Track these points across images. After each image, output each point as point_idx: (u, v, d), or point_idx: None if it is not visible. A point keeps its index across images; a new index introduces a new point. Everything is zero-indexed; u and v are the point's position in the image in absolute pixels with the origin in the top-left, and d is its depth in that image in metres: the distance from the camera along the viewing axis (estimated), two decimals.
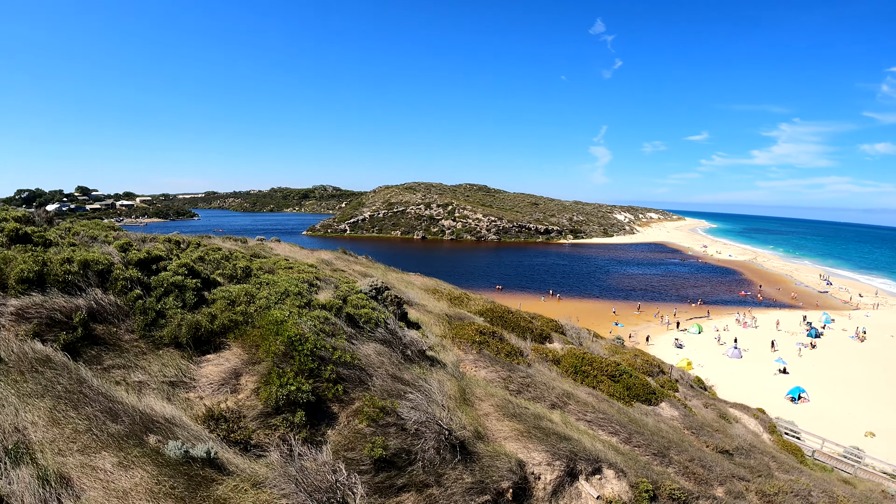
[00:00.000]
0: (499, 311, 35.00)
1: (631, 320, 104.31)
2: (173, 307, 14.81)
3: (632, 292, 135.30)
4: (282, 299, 17.35)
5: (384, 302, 23.28)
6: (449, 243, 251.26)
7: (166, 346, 13.43)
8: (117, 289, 14.75)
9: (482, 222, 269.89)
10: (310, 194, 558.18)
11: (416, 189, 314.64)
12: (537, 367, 24.68)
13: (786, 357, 79.08)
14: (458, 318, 28.93)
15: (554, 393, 21.04)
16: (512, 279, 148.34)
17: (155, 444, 9.31)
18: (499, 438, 15.09)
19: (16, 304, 13.03)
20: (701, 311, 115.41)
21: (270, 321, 14.69)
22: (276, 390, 12.11)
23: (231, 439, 10.75)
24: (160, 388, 11.83)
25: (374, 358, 16.03)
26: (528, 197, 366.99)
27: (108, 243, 19.15)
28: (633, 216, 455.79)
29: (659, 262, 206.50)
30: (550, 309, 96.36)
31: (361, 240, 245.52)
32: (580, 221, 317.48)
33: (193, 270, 17.57)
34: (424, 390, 14.90)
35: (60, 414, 9.38)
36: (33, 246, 16.57)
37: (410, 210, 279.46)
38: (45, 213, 24.54)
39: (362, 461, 11.44)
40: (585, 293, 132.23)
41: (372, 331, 18.16)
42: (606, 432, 19.58)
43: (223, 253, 23.07)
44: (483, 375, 20.90)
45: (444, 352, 21.81)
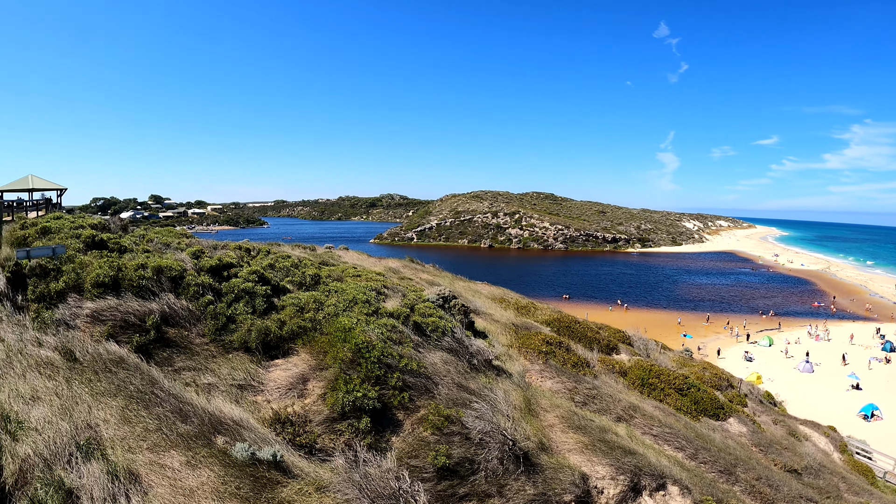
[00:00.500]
0: (565, 321, 34.67)
1: (699, 332, 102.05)
2: (243, 313, 15.10)
3: (700, 303, 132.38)
4: (350, 307, 17.50)
5: (451, 311, 23.27)
6: (516, 252, 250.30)
7: (236, 350, 13.68)
8: (189, 294, 15.11)
9: (549, 231, 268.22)
10: (377, 203, 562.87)
11: (483, 197, 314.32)
12: (604, 378, 24.35)
13: (859, 372, 75.92)
14: (525, 327, 28.75)
15: (620, 405, 20.71)
16: (579, 288, 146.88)
17: (222, 445, 9.47)
18: (563, 450, 14.90)
19: (91, 306, 13.46)
20: (772, 322, 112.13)
21: (338, 328, 14.82)
22: (343, 396, 12.20)
23: (296, 443, 10.86)
24: (229, 390, 12.05)
25: (441, 366, 16.01)
26: (595, 205, 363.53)
27: (180, 250, 19.63)
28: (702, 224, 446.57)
29: (729, 271, 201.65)
30: (618, 319, 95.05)
31: (428, 248, 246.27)
32: (648, 230, 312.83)
33: (263, 277, 17.86)
34: (490, 400, 14.82)
35: (132, 413, 9.63)
36: (109, 252, 17.11)
37: (477, 218, 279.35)
38: (120, 220, 25.30)
39: (425, 469, 11.42)
40: (653, 303, 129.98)
41: (439, 339, 18.15)
42: (672, 447, 19.16)
43: (292, 261, 23.40)
44: (549, 386, 20.70)
45: (510, 361, 21.70)
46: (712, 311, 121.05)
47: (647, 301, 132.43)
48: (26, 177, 41.91)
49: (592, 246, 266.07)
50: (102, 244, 17.84)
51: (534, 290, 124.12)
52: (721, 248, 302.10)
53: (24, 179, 41.66)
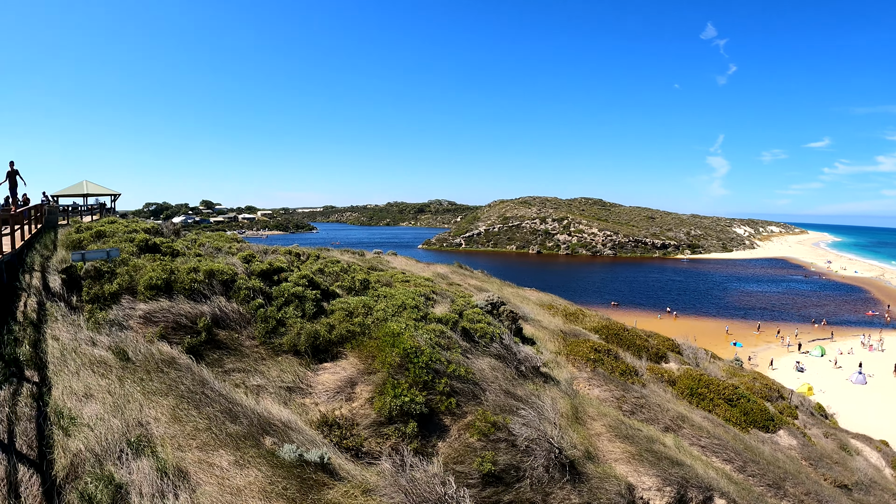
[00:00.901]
0: (614, 329, 34.33)
1: (750, 340, 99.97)
2: (293, 316, 15.26)
3: (751, 311, 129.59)
4: (398, 312, 17.55)
5: (500, 317, 23.22)
6: (564, 258, 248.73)
7: (285, 353, 13.83)
8: (240, 297, 15.32)
9: (597, 237, 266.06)
10: (425, 208, 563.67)
11: (531, 203, 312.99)
12: (652, 387, 24.03)
13: None
14: (573, 334, 28.55)
15: (668, 415, 20.42)
16: (627, 295, 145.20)
17: (270, 446, 9.55)
18: (609, 460, 14.75)
19: (144, 308, 13.73)
20: (824, 332, 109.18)
21: (387, 333, 14.88)
22: (390, 401, 12.23)
23: (343, 445, 10.91)
24: (277, 392, 12.18)
25: (488, 372, 15.98)
26: (644, 210, 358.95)
27: (231, 254, 19.94)
28: (753, 230, 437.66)
29: (780, 278, 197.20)
30: (667, 327, 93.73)
31: (476, 254, 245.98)
32: (698, 236, 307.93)
33: (313, 282, 18.05)
34: (537, 407, 14.74)
35: (182, 412, 9.79)
36: (161, 255, 17.47)
37: (525, 224, 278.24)
38: (173, 225, 25.79)
39: (471, 475, 11.40)
40: (703, 311, 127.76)
41: (487, 345, 18.12)
42: (720, 459, 18.81)
43: (341, 265, 23.59)
44: (596, 394, 20.51)
45: (557, 368, 21.56)
46: (763, 319, 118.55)
47: (696, 309, 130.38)
48: (81, 182, 43.07)
49: (641, 252, 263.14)
50: (155, 248, 18.21)
51: (582, 297, 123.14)
52: (772, 254, 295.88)
53: (79, 185, 42.82)
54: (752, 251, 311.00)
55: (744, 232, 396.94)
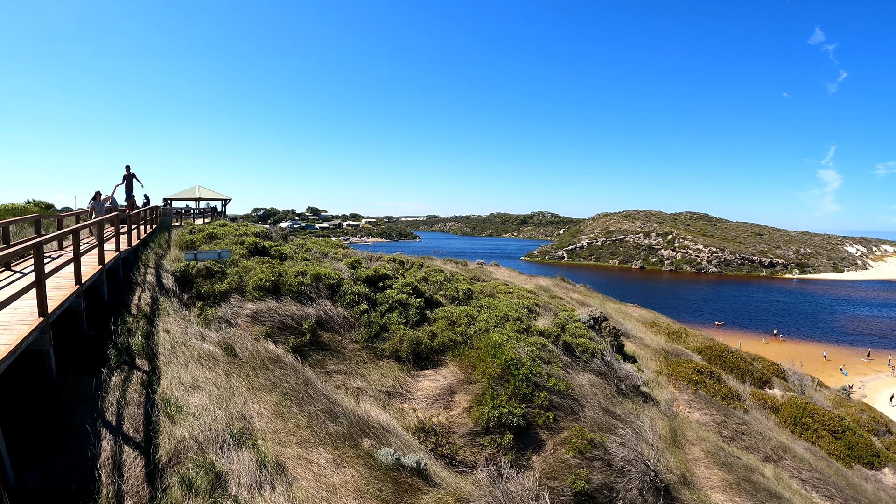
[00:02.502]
0: (717, 350, 33.35)
1: (858, 369, 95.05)
2: (396, 323, 15.50)
3: (862, 336, 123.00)
4: (501, 323, 17.57)
5: (601, 332, 22.94)
6: (667, 274, 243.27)
7: (386, 358, 14.06)
8: (345, 302, 15.68)
9: (702, 253, 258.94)
10: (528, 220, 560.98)
11: (635, 217, 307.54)
12: (754, 413, 23.20)
13: None
14: (675, 353, 27.91)
15: (769, 444, 19.67)
16: (732, 315, 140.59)
17: (368, 448, 9.70)
18: (705, 487, 14.34)
19: (252, 307, 14.23)
20: None
21: (489, 344, 14.91)
22: (489, 411, 12.24)
23: (438, 452, 10.98)
24: (377, 396, 12.37)
25: (588, 389, 15.80)
26: (751, 226, 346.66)
27: (338, 260, 20.43)
28: (866, 249, 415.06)
29: (894, 302, 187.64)
30: (772, 351, 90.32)
31: (578, 267, 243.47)
32: (807, 254, 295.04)
33: (417, 290, 18.28)
34: (635, 427, 14.47)
35: (284, 409, 10.07)
36: (270, 258, 18.08)
37: (629, 239, 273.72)
38: (280, 229, 26.61)
39: (563, 491, 11.27)
40: (810, 335, 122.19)
41: (588, 361, 17.93)
42: (820, 495, 17.97)
43: (445, 275, 23.78)
44: (696, 417, 19.97)
45: (658, 388, 21.12)
46: (874, 346, 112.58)
47: (803, 332, 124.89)
48: (194, 187, 45.02)
49: (748, 270, 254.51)
50: (264, 251, 18.84)
51: (685, 315, 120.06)
52: (887, 276, 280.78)
53: (191, 189, 44.78)
54: (864, 272, 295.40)
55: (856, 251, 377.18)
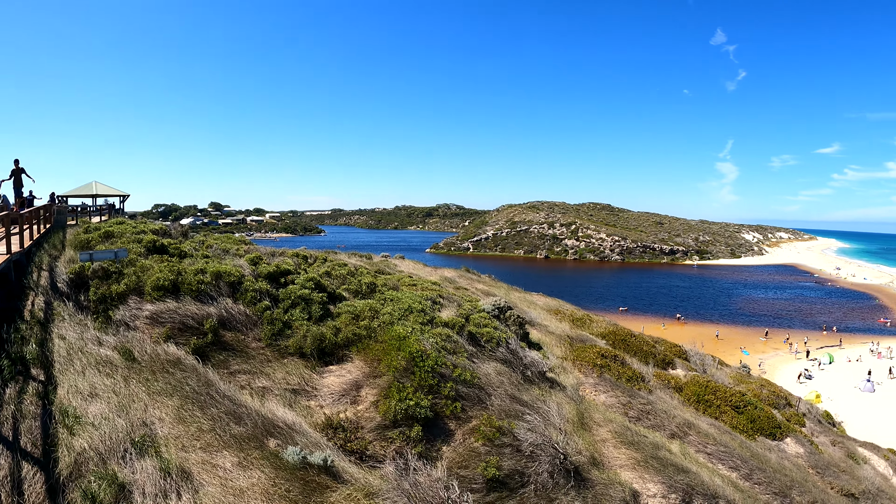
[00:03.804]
0: (621, 335, 34.27)
1: (758, 347, 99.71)
2: (299, 319, 15.27)
3: (759, 317, 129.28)
4: (405, 316, 17.54)
5: (506, 321, 23.19)
6: (572, 263, 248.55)
7: (291, 355, 13.83)
8: (247, 299, 15.35)
9: (605, 242, 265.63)
10: (433, 212, 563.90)
11: (540, 208, 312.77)
12: (658, 394, 23.95)
13: None
14: (580, 339, 28.48)
15: (674, 422, 20.36)
16: (635, 301, 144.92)
17: (274, 448, 9.55)
18: (614, 466, 14.71)
19: (151, 309, 13.78)
20: (832, 339, 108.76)
21: (393, 337, 14.87)
22: (396, 404, 12.22)
23: (347, 449, 10.90)
24: (283, 394, 12.18)
25: (494, 377, 15.94)
26: (652, 216, 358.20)
27: (239, 256, 19.99)
28: (762, 236, 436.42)
29: (788, 285, 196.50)
30: (674, 333, 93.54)
31: (484, 258, 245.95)
32: (706, 241, 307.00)
33: (320, 285, 18.06)
34: (542, 412, 14.71)
35: (187, 413, 9.80)
36: (169, 257, 17.51)
37: (533, 229, 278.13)
38: (181, 226, 25.89)
39: (475, 480, 11.37)
40: (710, 317, 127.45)
41: (493, 350, 18.08)
42: (726, 467, 18.74)
43: (349, 269, 23.61)
44: (602, 400, 20.45)
45: (564, 374, 21.51)
46: (771, 325, 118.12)
47: (704, 315, 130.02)
48: (90, 183, 43.31)
49: (650, 258, 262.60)
50: (163, 249, 18.25)
51: (589, 302, 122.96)
52: (781, 260, 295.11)
53: (88, 185, 43.07)
54: (760, 257, 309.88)
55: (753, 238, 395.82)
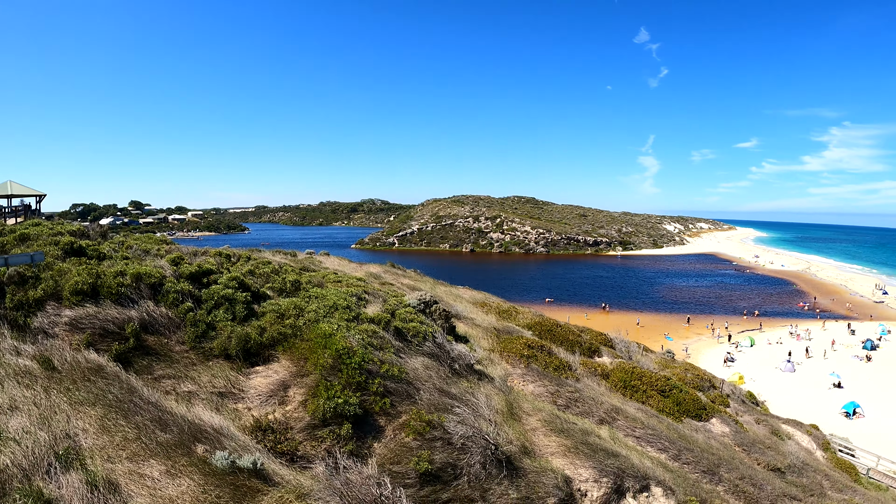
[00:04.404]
0: (547, 325, 34.74)
1: (681, 333, 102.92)
2: (224, 320, 15.03)
3: (682, 304, 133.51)
4: (330, 313, 17.45)
5: (432, 315, 23.28)
6: (497, 256, 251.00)
7: (216, 357, 13.61)
8: (169, 301, 15.02)
9: (530, 235, 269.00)
10: (358, 208, 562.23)
11: (465, 202, 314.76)
12: (586, 381, 24.42)
13: (840, 371, 76.92)
14: (507, 331, 28.80)
15: (602, 408, 20.80)
16: (560, 292, 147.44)
17: (202, 454, 9.41)
18: (545, 454, 14.95)
19: (70, 314, 13.36)
20: (753, 323, 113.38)
21: (319, 334, 14.78)
22: (324, 403, 12.16)
23: (278, 450, 10.82)
24: (209, 398, 11.99)
25: (422, 372, 16.01)
26: (576, 209, 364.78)
27: (160, 257, 19.55)
28: (683, 227, 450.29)
29: (709, 273, 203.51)
30: (599, 322, 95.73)
31: (410, 253, 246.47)
32: (629, 233, 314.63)
33: (244, 284, 17.80)
34: (471, 404, 14.85)
35: (111, 422, 9.57)
36: (87, 259, 16.98)
37: (459, 223, 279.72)
38: (100, 227, 25.15)
39: (408, 475, 11.42)
40: (635, 306, 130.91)
41: (420, 344, 18.15)
42: (655, 449, 19.29)
43: (273, 266, 23.35)
44: (531, 390, 20.75)
45: (491, 366, 21.73)
46: (694, 312, 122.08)
47: (628, 304, 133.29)
48: (5, 182, 41.63)
49: (574, 249, 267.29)
50: (81, 251, 17.69)
51: (515, 294, 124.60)
52: (702, 250, 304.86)
53: (2, 185, 41.39)
54: (682, 247, 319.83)
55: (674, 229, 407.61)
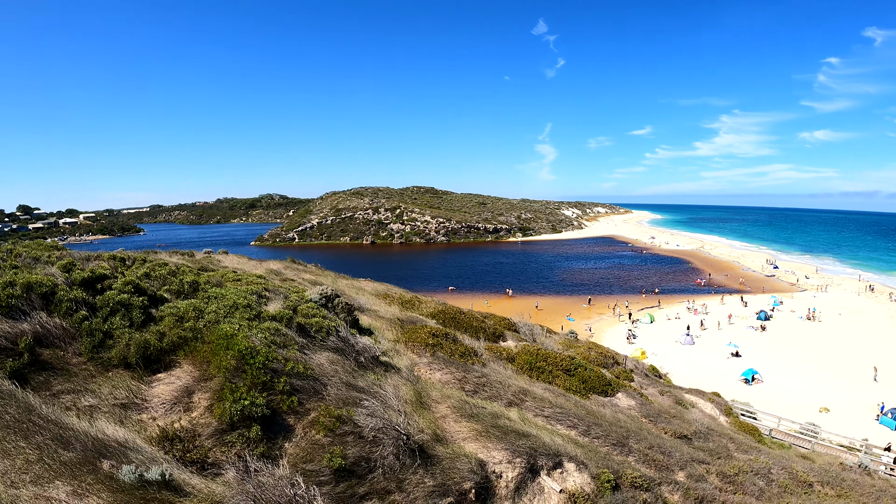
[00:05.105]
0: (451, 313, 35.06)
1: (583, 314, 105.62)
2: (121, 327, 14.57)
3: (583, 286, 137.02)
4: (231, 313, 17.17)
5: (335, 310, 23.19)
6: (398, 247, 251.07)
7: (116, 367, 13.20)
8: (62, 311, 14.47)
9: (431, 224, 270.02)
10: (257, 204, 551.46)
11: (364, 194, 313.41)
12: (492, 366, 24.80)
13: (737, 341, 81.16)
14: (411, 321, 28.93)
15: (510, 391, 21.18)
16: (463, 280, 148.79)
17: (109, 470, 9.17)
18: (458, 440, 15.16)
19: None
20: (652, 301, 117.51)
21: (220, 336, 14.53)
22: (230, 406, 12.00)
23: (187, 459, 10.63)
24: (112, 411, 11.63)
25: (328, 367, 15.97)
26: (475, 197, 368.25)
27: (51, 264, 18.77)
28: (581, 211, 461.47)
29: (608, 255, 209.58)
30: (503, 307, 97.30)
31: (310, 247, 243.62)
32: (528, 219, 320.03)
33: (140, 288, 17.29)
34: (380, 396, 14.91)
35: (10, 444, 9.19)
36: None
37: (359, 215, 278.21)
38: None
39: (321, 472, 11.41)
40: (537, 290, 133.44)
41: (324, 339, 18.07)
42: (565, 426, 19.79)
43: (170, 268, 22.78)
44: (438, 378, 20.93)
45: (397, 356, 21.82)
46: (594, 293, 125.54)
47: (530, 288, 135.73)
48: None
49: (474, 237, 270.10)
50: None
51: (418, 284, 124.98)
52: (600, 233, 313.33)
53: None
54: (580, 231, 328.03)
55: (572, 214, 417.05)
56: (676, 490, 17.99)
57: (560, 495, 14.78)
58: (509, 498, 14.02)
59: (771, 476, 22.54)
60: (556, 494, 14.78)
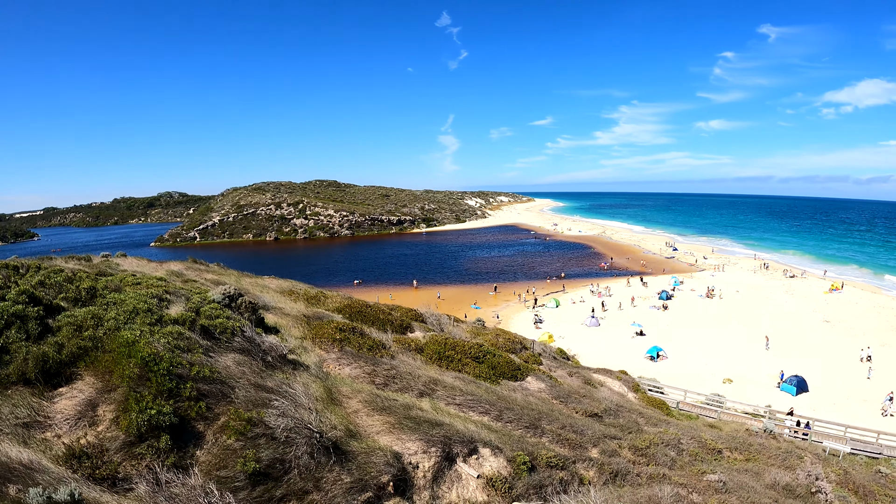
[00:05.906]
0: (357, 307, 35.02)
1: (489, 302, 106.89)
2: (17, 340, 14.03)
3: (488, 274, 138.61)
4: (131, 318, 16.73)
5: (239, 309, 22.90)
6: (302, 242, 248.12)
7: (15, 384, 12.71)
8: None
9: (334, 218, 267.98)
10: (155, 202, 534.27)
11: (266, 189, 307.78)
12: (401, 357, 24.96)
13: (641, 320, 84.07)
14: (317, 317, 28.78)
15: (420, 381, 21.38)
16: (369, 273, 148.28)
17: (16, 495, 8.88)
18: (372, 434, 15.25)
19: None
20: (556, 285, 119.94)
21: (121, 343, 14.15)
22: (136, 416, 11.75)
23: (97, 476, 10.37)
24: (14, 431, 11.20)
25: (234, 369, 15.78)
26: (378, 189, 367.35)
27: None
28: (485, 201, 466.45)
29: (512, 243, 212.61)
30: (409, 299, 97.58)
31: (213, 246, 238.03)
32: (432, 210, 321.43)
33: (35, 297, 16.66)
34: (290, 395, 14.84)
35: None
36: None
37: (261, 211, 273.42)
38: None
39: (236, 478, 11.34)
40: (442, 280, 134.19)
41: (229, 341, 17.82)
42: (477, 413, 20.12)
43: (66, 274, 22.00)
44: (347, 372, 20.95)
45: (305, 353, 21.70)
46: (499, 280, 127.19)
47: (436, 278, 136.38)
48: None
49: (378, 230, 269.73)
50: None
51: (323, 279, 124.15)
52: (503, 221, 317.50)
53: None
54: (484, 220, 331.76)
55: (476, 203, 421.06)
56: (591, 466, 18.56)
57: (478, 480, 15.08)
58: (428, 487, 14.22)
59: (681, 446, 23.50)
60: (473, 480, 15.07)
